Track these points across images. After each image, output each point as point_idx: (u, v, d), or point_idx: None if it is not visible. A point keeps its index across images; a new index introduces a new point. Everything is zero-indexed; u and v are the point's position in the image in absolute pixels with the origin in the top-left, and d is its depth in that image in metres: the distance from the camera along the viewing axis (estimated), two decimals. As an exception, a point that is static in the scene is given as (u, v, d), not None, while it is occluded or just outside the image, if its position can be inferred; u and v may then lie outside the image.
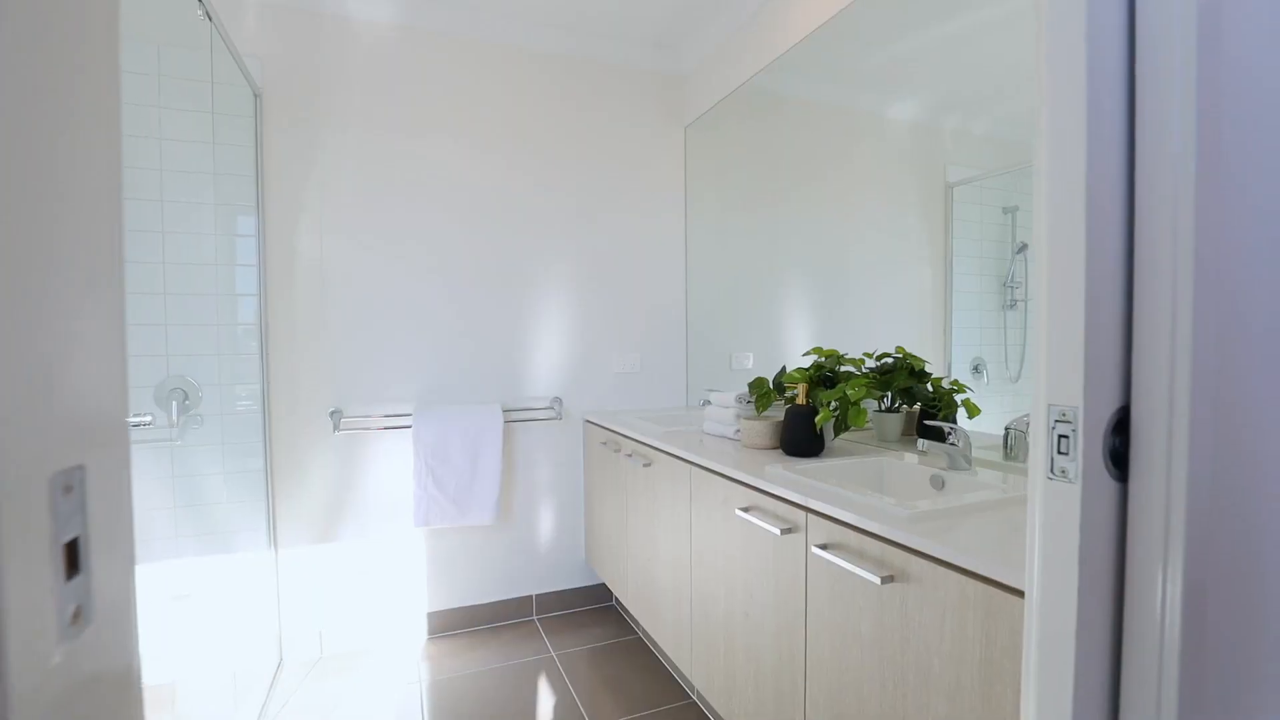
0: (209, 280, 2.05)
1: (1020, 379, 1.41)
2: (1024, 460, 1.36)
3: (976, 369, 1.52)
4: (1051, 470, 0.55)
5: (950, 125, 1.54)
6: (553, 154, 2.50)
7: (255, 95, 2.06)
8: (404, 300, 2.30)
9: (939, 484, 1.30)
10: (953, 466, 1.32)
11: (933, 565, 0.89)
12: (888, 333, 1.73)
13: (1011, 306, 1.41)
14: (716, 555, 1.53)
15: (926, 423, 1.35)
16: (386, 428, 2.24)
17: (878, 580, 0.95)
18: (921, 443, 1.31)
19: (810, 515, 1.16)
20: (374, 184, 2.25)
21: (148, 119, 1.96)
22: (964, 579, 0.84)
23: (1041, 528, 0.56)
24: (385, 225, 2.27)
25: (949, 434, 1.32)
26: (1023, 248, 1.39)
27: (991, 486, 1.21)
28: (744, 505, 1.38)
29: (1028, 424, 1.45)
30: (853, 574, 1.03)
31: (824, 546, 1.11)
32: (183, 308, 2.02)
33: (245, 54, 2.06)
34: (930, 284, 1.59)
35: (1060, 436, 0.54)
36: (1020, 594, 0.75)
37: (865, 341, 1.79)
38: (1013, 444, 1.39)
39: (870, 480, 1.45)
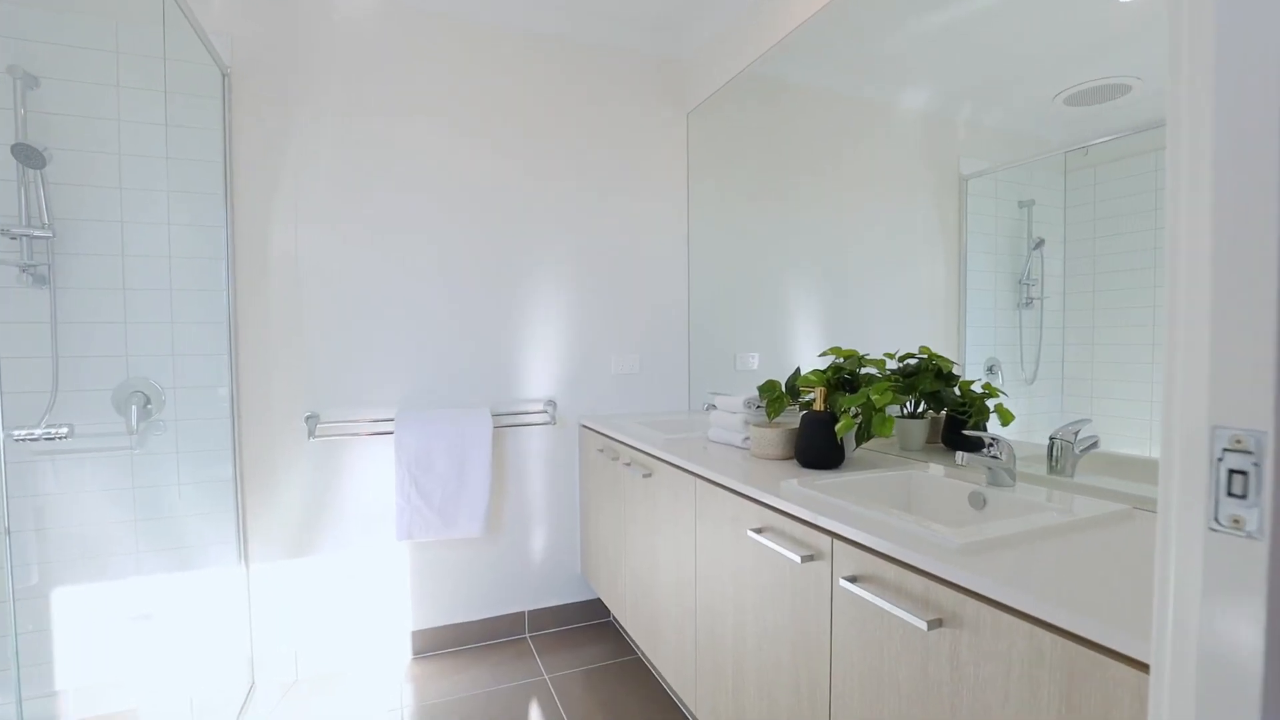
0: (173, 274, 1.90)
1: (1035, 380, 1.31)
2: (1071, 475, 1.21)
3: (991, 370, 1.42)
4: (1217, 519, 0.39)
5: (963, 115, 1.44)
6: (547, 141, 2.34)
7: (223, 74, 1.90)
8: (386, 297, 2.14)
9: (979, 503, 1.15)
10: (994, 483, 1.17)
11: (994, 610, 0.74)
12: (899, 331, 1.62)
13: (1027, 305, 1.32)
14: (725, 577, 1.37)
15: (966, 433, 1.19)
16: (367, 433, 2.08)
17: (924, 626, 0.80)
18: (961, 455, 1.15)
19: (836, 541, 1.00)
20: (354, 172, 2.09)
21: (105, 99, 1.80)
22: (1036, 630, 0.69)
23: (1192, 594, 0.41)
24: (366, 216, 2.11)
25: (990, 445, 1.16)
26: (1039, 243, 1.30)
27: (1043, 508, 1.06)
28: (757, 525, 1.22)
29: (1075, 434, 1.31)
30: (890, 614, 0.88)
31: (854, 579, 0.95)
32: (144, 304, 1.87)
33: (212, 31, 1.90)
34: (944, 281, 1.49)
35: (1233, 472, 0.38)
36: (1126, 660, 0.60)
37: (875, 341, 1.68)
38: (1059, 456, 1.24)
39: (897, 497, 1.29)
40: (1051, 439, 1.25)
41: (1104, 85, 1.13)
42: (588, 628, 2.43)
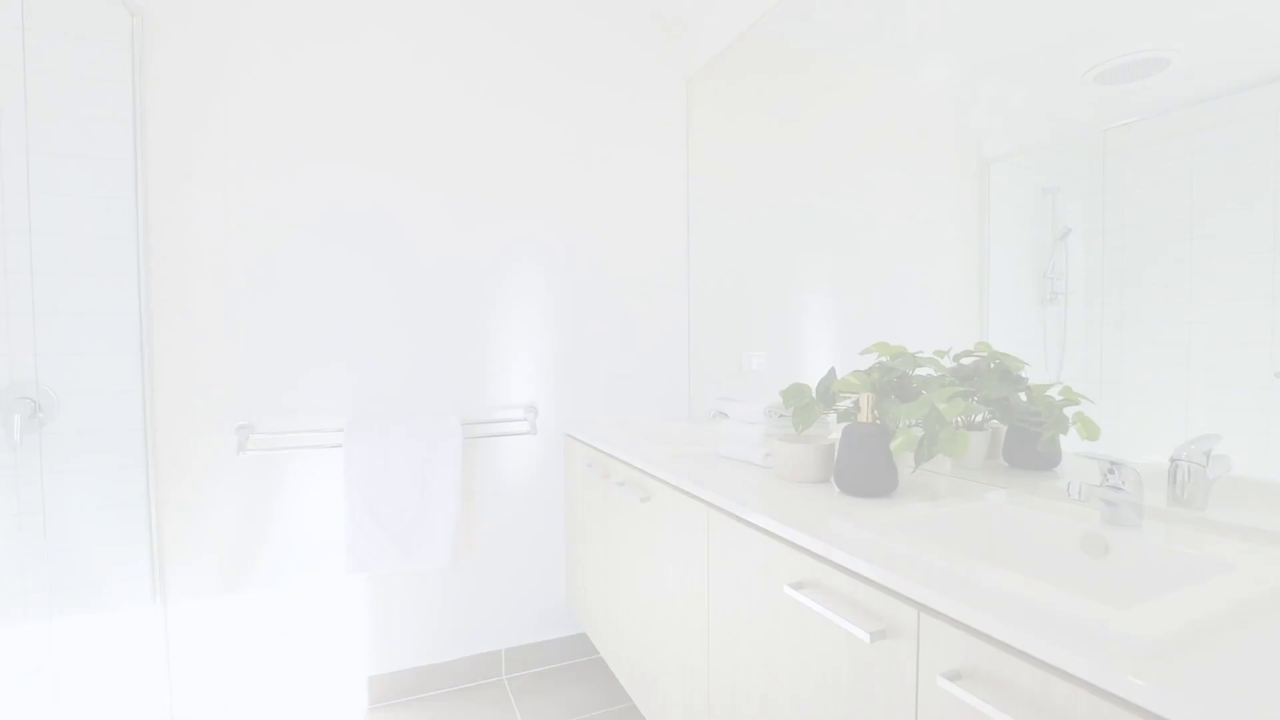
0: (69, 256, 1.56)
1: (1059, 384, 1.15)
2: (1203, 508, 0.93)
3: (1012, 372, 1.24)
4: None
5: (986, 91, 1.26)
6: (526, 108, 2.03)
7: (130, 14, 1.58)
8: (336, 286, 1.82)
9: (1099, 549, 0.86)
10: (1112, 521, 0.87)
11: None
12: (914, 328, 1.43)
13: (1051, 300, 1.18)
14: (750, 642, 1.07)
15: (1087, 454, 0.90)
16: (311, 446, 1.75)
17: (1103, 778, 0.50)
18: (1075, 485, 0.86)
19: (925, 615, 0.70)
20: (297, 139, 1.77)
21: (-21, 38, 1.47)
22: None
23: None
24: (313, 191, 1.79)
25: (1110, 471, 0.87)
26: (1065, 233, 1.14)
27: (1211, 565, 0.76)
28: (797, 580, 0.92)
29: (1207, 454, 1.02)
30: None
31: (956, 677, 0.65)
32: (29, 291, 1.53)
33: (119, -40, 1.58)
34: (963, 273, 1.32)
35: None
36: None
37: (888, 338, 1.47)
38: (1185, 484, 0.95)
39: (975, 539, 1.00)
40: (1174, 461, 0.96)
41: (1141, 59, 0.99)
42: (574, 667, 2.12)
